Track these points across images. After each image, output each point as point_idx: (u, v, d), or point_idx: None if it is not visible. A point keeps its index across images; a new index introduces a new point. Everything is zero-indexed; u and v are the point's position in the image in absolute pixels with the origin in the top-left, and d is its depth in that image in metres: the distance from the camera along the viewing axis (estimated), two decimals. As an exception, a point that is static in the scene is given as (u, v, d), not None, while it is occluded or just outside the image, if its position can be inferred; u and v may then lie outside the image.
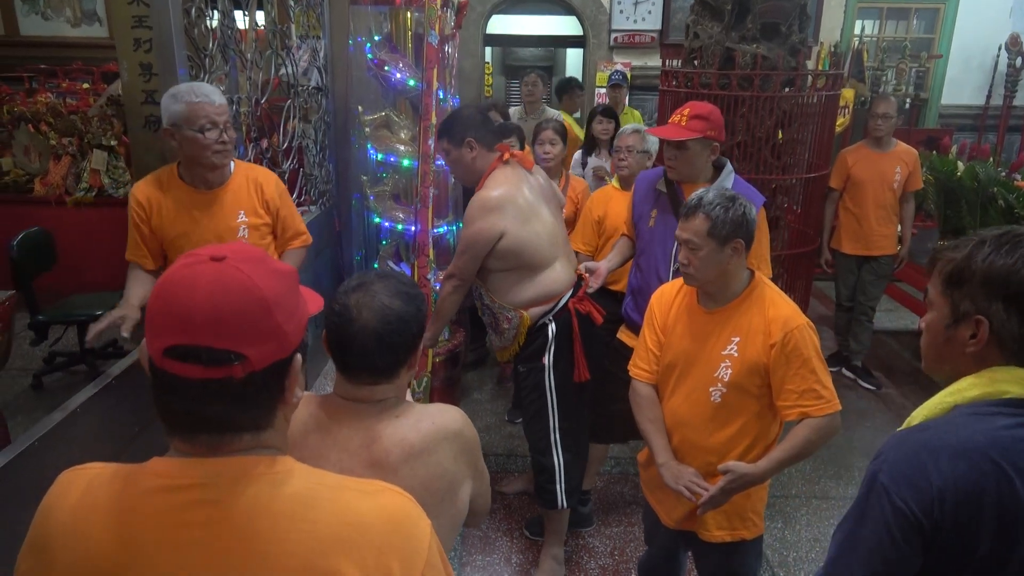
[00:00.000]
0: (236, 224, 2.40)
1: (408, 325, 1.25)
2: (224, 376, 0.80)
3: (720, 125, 2.52)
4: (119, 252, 2.43)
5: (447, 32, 3.53)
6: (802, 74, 3.61)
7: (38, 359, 4.12)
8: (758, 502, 2.00)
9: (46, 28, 6.77)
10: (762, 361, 1.84)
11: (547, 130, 3.54)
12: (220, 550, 0.80)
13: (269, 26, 3.51)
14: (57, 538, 0.84)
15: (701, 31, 3.67)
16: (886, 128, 4.15)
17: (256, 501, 0.81)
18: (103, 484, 0.86)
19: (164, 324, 0.80)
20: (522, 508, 3.21)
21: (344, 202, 4.36)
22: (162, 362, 0.80)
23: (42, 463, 1.81)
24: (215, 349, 0.79)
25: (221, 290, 0.80)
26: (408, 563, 0.86)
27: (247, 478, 0.83)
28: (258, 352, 0.81)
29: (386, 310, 1.22)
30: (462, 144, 2.51)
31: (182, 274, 0.82)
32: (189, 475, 0.82)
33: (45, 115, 4.98)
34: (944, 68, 6.96)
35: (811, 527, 3.14)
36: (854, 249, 4.34)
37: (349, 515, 0.84)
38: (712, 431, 1.92)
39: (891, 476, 1.08)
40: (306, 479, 0.86)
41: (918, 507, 1.05)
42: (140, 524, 0.81)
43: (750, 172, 3.62)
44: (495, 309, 2.59)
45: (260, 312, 0.82)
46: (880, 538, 1.09)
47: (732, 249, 1.83)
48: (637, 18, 6.65)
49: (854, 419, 4.08)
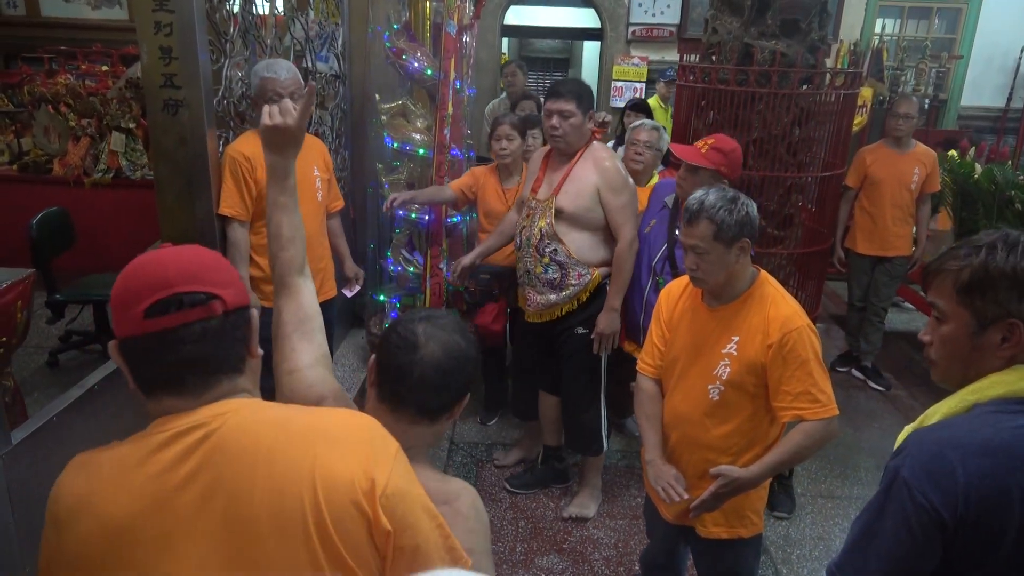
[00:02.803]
0: (313, 177, 2.81)
1: (469, 365, 1.20)
2: (205, 315, 0.91)
3: (736, 164, 2.64)
4: (136, 233, 2.49)
5: (465, 22, 3.53)
6: (820, 72, 3.58)
7: (54, 337, 4.17)
8: (756, 501, 2.01)
9: (67, 10, 6.82)
10: (760, 361, 1.84)
11: (503, 124, 3.33)
12: (219, 479, 0.89)
13: (288, 13, 3.53)
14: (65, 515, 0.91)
15: (720, 26, 3.65)
16: (907, 128, 4.13)
17: (238, 427, 0.91)
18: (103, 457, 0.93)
19: (139, 290, 0.90)
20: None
21: (359, 190, 4.38)
22: (143, 326, 0.89)
23: (60, 438, 1.84)
24: (193, 292, 0.90)
25: (183, 253, 0.94)
26: (378, 460, 0.93)
27: (231, 414, 0.92)
28: (228, 293, 0.93)
29: (454, 345, 1.18)
30: (586, 112, 2.74)
31: (144, 258, 0.93)
32: (180, 423, 0.91)
33: (65, 96, 5.03)
34: (964, 69, 6.89)
35: (816, 526, 3.14)
36: (869, 249, 4.32)
37: (325, 426, 0.96)
38: (710, 428, 1.94)
39: (913, 472, 1.09)
40: (279, 408, 0.99)
41: (941, 504, 1.05)
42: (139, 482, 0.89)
43: (765, 169, 3.60)
44: (569, 264, 2.78)
45: (221, 262, 0.96)
46: (899, 533, 1.10)
47: (739, 249, 1.84)
48: (656, 12, 6.62)
49: (863, 420, 4.07)
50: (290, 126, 1.27)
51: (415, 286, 3.73)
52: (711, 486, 1.84)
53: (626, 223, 2.75)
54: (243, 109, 2.96)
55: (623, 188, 2.75)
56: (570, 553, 2.90)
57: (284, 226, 1.32)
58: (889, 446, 4.07)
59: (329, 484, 0.89)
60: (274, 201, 1.33)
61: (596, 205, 2.73)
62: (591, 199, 2.72)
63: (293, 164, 1.32)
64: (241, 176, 2.60)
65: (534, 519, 3.10)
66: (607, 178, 2.72)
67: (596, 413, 2.98)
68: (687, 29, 6.57)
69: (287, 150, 1.30)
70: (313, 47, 3.65)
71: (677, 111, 4.14)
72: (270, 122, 1.27)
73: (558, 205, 2.74)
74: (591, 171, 2.73)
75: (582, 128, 2.74)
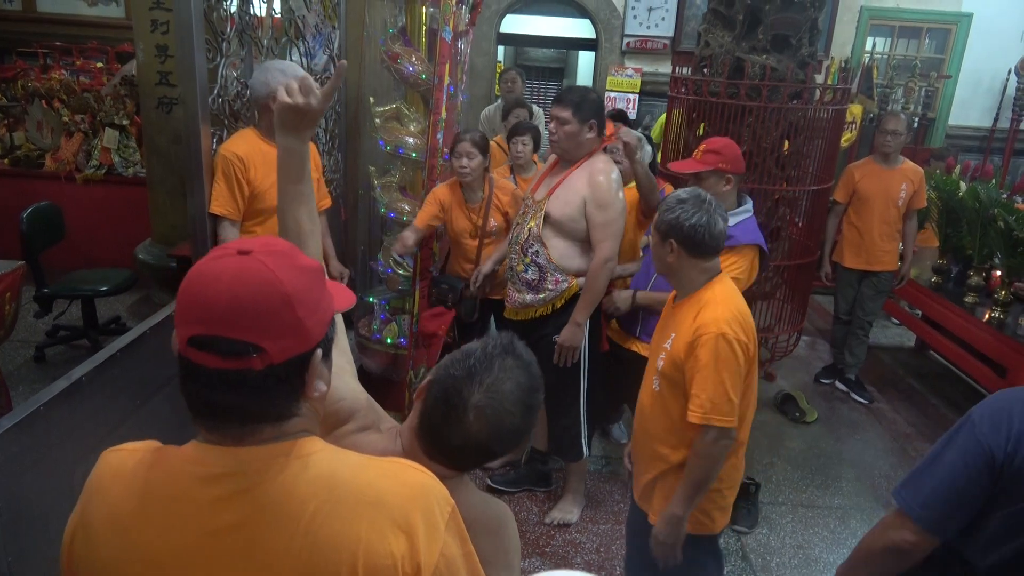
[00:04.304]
0: None
1: (516, 440, 1.08)
2: (242, 367, 0.81)
3: (734, 158, 2.68)
4: (126, 229, 2.51)
5: (461, 29, 3.56)
6: (810, 87, 3.64)
7: (41, 332, 4.16)
8: (707, 502, 2.01)
9: (63, 6, 6.82)
10: (681, 358, 1.91)
11: (464, 142, 3.20)
12: (256, 539, 0.83)
13: (285, 14, 3.55)
14: (102, 527, 0.87)
15: (712, 40, 3.71)
16: (895, 145, 4.19)
17: (284, 486, 0.84)
18: (143, 472, 0.88)
19: (188, 313, 0.83)
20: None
21: (351, 192, 4.40)
22: (186, 350, 0.82)
23: (47, 428, 1.85)
24: (233, 340, 0.80)
25: (242, 283, 0.82)
26: (428, 536, 0.86)
27: (275, 466, 0.85)
28: (277, 345, 0.82)
29: (503, 421, 1.04)
30: (585, 122, 2.71)
31: (210, 267, 0.84)
32: (221, 464, 0.85)
33: (59, 92, 5.03)
34: (953, 89, 6.98)
35: (795, 534, 3.17)
36: (856, 263, 4.37)
37: (371, 494, 0.86)
38: (653, 418, 2.03)
39: (981, 414, 1.29)
40: (330, 460, 0.88)
41: (994, 444, 1.24)
42: (181, 517, 0.84)
43: (754, 182, 3.65)
44: (548, 269, 2.79)
45: (280, 306, 0.83)
46: (955, 463, 1.29)
47: (669, 247, 1.93)
48: (650, 24, 6.68)
49: (845, 431, 4.12)
50: (313, 107, 1.19)
51: (405, 288, 3.75)
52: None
53: (605, 240, 2.72)
54: (238, 108, 2.98)
55: (609, 205, 2.70)
56: (552, 557, 2.91)
57: (304, 220, 1.23)
58: (870, 458, 4.12)
59: (371, 565, 0.83)
60: (293, 192, 1.23)
61: (581, 216, 2.73)
62: (577, 210, 2.73)
63: (308, 148, 1.24)
64: (234, 176, 2.62)
65: (517, 522, 3.10)
66: (596, 192, 2.70)
67: (575, 419, 2.97)
68: (681, 42, 6.63)
69: (304, 132, 1.22)
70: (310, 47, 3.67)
71: (668, 124, 4.19)
72: (290, 101, 1.18)
73: (547, 209, 2.78)
74: (583, 182, 2.73)
75: (578, 137, 2.72)
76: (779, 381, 4.64)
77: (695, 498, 1.92)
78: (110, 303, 4.45)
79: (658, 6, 6.63)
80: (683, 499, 1.92)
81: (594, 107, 2.74)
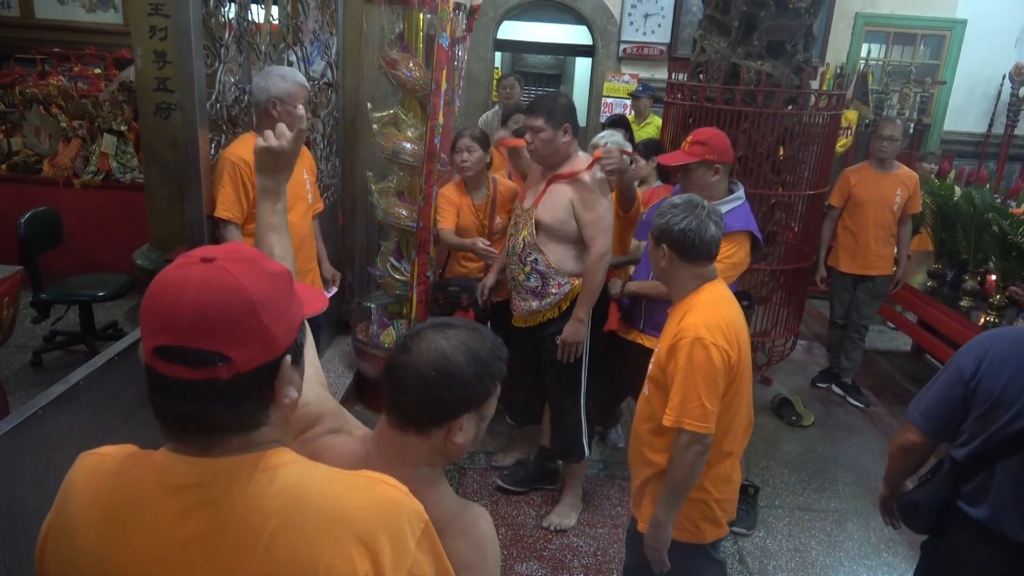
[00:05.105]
0: (303, 179, 2.92)
1: (457, 385, 1.08)
2: (209, 377, 0.80)
3: (721, 148, 2.69)
4: (123, 235, 2.50)
5: (458, 35, 3.58)
6: (805, 92, 3.66)
7: (38, 337, 4.16)
8: (692, 510, 2.00)
9: (61, 12, 6.82)
10: (663, 361, 1.94)
11: (464, 137, 3.30)
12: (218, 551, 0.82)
13: (283, 20, 3.57)
14: (73, 529, 0.87)
15: (708, 46, 3.73)
16: (891, 150, 4.21)
17: (249, 499, 0.83)
18: (112, 478, 0.88)
19: (153, 324, 0.82)
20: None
21: (349, 197, 4.41)
22: (152, 361, 0.82)
23: (44, 433, 1.85)
24: (200, 350, 0.80)
25: (207, 292, 0.81)
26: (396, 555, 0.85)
27: (240, 478, 0.84)
28: (244, 354, 0.82)
29: (444, 359, 1.08)
30: (559, 127, 2.75)
31: (174, 275, 0.83)
32: (188, 474, 0.84)
33: (56, 98, 5.04)
34: (948, 94, 7.02)
35: (792, 538, 3.18)
36: (851, 267, 4.39)
37: (337, 510, 0.85)
38: (642, 422, 2.06)
39: (967, 347, 1.77)
40: (297, 473, 0.87)
41: (966, 367, 1.72)
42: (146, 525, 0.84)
43: (750, 187, 3.66)
44: (549, 274, 2.84)
45: (246, 313, 0.82)
46: (942, 382, 1.80)
47: (662, 252, 1.96)
48: (647, 30, 6.72)
49: (841, 435, 4.13)
50: (285, 149, 1.32)
51: (402, 293, 3.76)
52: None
53: (597, 236, 2.76)
54: (236, 113, 3.00)
55: (595, 203, 2.76)
56: (550, 561, 2.91)
57: (276, 246, 1.33)
58: (867, 461, 4.13)
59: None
60: (267, 223, 1.34)
61: (571, 218, 2.78)
62: (566, 212, 2.77)
63: (284, 188, 1.37)
64: (240, 180, 2.62)
65: (515, 526, 3.11)
66: (580, 192, 2.76)
67: (576, 419, 3.01)
68: (677, 48, 6.67)
69: (280, 174, 1.34)
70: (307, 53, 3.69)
71: (664, 128, 4.21)
72: (265, 143, 1.31)
73: (537, 217, 2.82)
74: (567, 185, 2.79)
75: (554, 142, 2.77)
76: (776, 385, 4.65)
77: (674, 502, 1.93)
78: (107, 308, 4.44)
79: (654, 13, 6.67)
80: (662, 503, 1.94)
81: (564, 111, 2.79)
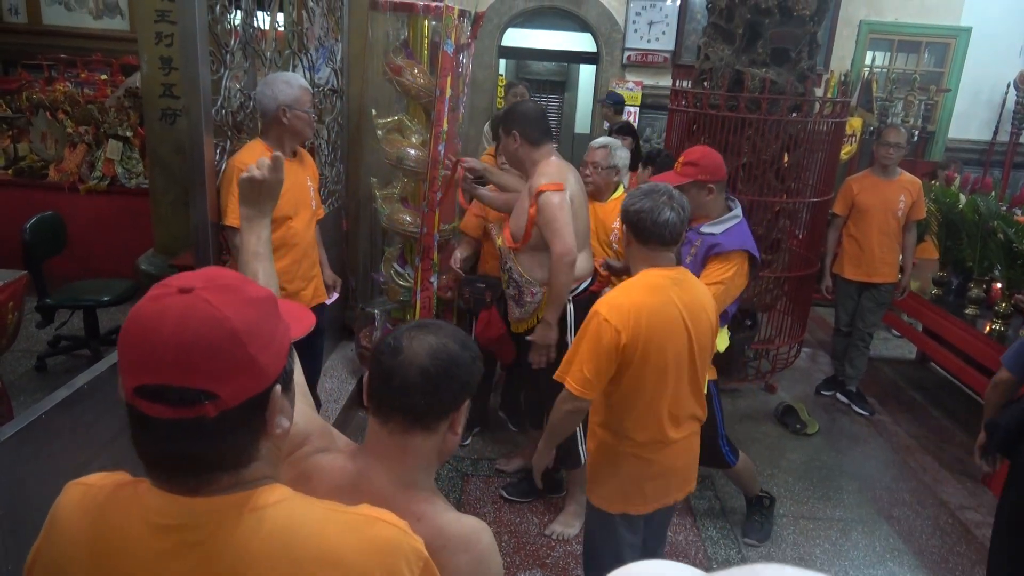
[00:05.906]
0: (308, 186, 2.94)
1: (460, 370, 1.11)
2: (195, 416, 0.76)
3: (713, 167, 2.70)
4: (128, 240, 2.50)
5: (463, 41, 3.60)
6: (809, 100, 3.67)
7: (43, 341, 4.17)
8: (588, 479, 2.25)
9: (68, 18, 6.87)
10: None
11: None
12: None
13: (288, 27, 3.58)
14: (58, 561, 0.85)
15: (712, 53, 3.73)
16: (895, 157, 4.20)
17: (237, 543, 0.79)
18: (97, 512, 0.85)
19: (133, 362, 0.77)
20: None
21: (353, 203, 4.42)
22: (133, 400, 0.78)
23: (48, 437, 1.85)
24: (185, 388, 0.75)
25: (188, 325, 0.76)
26: None
27: (228, 520, 0.80)
28: (231, 388, 0.77)
29: (440, 348, 1.11)
30: (508, 134, 2.82)
31: (150, 309, 0.79)
32: (174, 515, 0.80)
33: (63, 103, 5.07)
34: (952, 102, 7.01)
35: (797, 546, 3.16)
36: (855, 275, 4.37)
37: (330, 553, 0.81)
38: None
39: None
40: (289, 513, 0.83)
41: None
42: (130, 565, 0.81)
43: (754, 194, 3.67)
44: (522, 283, 2.84)
45: (231, 346, 0.77)
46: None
47: (625, 232, 2.08)
48: (651, 38, 6.72)
49: (846, 443, 4.11)
50: (267, 177, 1.36)
51: (406, 299, 3.76)
52: None
53: (553, 237, 2.68)
54: (241, 119, 3.01)
55: (544, 205, 2.68)
56: (553, 568, 2.90)
57: (260, 274, 1.35)
58: (872, 470, 4.10)
59: None
60: (252, 251, 1.37)
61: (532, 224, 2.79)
62: (525, 219, 2.77)
63: (269, 217, 1.41)
64: None
65: (518, 533, 3.10)
66: (531, 197, 2.74)
67: None
68: (681, 55, 6.67)
69: (264, 205, 1.39)
70: (312, 60, 3.70)
71: (668, 136, 4.21)
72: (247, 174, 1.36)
73: (509, 225, 2.87)
74: (525, 192, 2.80)
75: (509, 148, 2.84)
76: (780, 393, 4.64)
77: (550, 441, 2.18)
78: (112, 313, 4.45)
79: (659, 20, 6.67)
80: (543, 439, 2.21)
81: (509, 118, 2.84)
